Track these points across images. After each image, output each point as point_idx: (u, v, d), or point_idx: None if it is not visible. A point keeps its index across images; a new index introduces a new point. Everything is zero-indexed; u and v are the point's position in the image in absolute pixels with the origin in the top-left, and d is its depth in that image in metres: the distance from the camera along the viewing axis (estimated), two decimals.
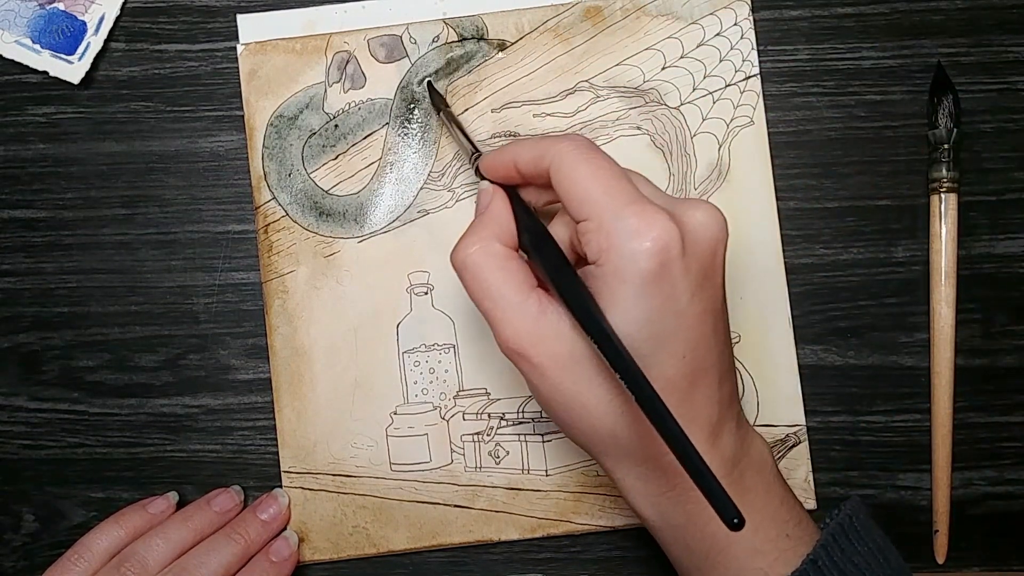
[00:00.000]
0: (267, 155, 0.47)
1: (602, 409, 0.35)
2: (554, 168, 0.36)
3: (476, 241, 0.37)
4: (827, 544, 0.37)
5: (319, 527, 0.47)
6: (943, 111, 0.46)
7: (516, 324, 0.36)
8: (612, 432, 0.36)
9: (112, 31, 0.48)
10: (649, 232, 0.34)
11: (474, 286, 0.37)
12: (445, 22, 0.48)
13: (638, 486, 0.37)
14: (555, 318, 0.35)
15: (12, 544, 0.47)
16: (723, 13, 0.47)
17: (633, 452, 0.36)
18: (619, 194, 0.35)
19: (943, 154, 0.46)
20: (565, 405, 0.36)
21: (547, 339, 0.35)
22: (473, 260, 0.37)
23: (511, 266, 0.37)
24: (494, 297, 0.36)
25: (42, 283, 0.48)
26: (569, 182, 0.36)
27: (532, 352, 0.35)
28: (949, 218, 0.46)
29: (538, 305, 0.36)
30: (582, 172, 0.35)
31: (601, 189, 0.35)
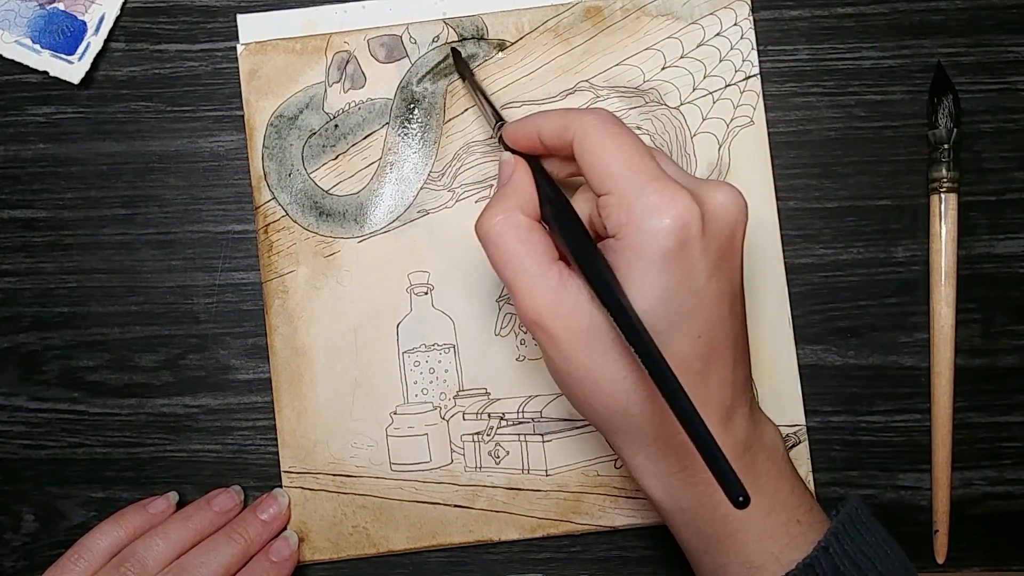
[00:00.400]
0: (267, 155, 0.47)
1: (616, 386, 0.35)
2: (578, 140, 0.36)
3: (500, 212, 0.37)
4: (837, 532, 0.37)
5: (319, 527, 0.47)
6: (943, 111, 0.46)
7: (536, 295, 0.36)
8: (624, 409, 0.36)
9: (112, 31, 0.48)
10: (670, 209, 0.34)
11: (497, 256, 0.37)
12: (445, 22, 0.48)
13: (648, 466, 0.37)
14: (574, 291, 0.35)
15: (12, 544, 0.47)
16: (723, 13, 0.47)
17: (645, 431, 0.36)
18: (642, 170, 0.35)
19: (943, 154, 0.46)
20: (579, 379, 0.36)
21: (565, 311, 0.35)
22: (496, 231, 0.37)
23: (534, 237, 0.37)
24: (515, 268, 0.36)
25: (42, 283, 0.48)
26: (592, 156, 0.36)
27: (550, 323, 0.35)
28: (949, 218, 0.46)
29: (558, 277, 0.36)
30: (606, 146, 0.35)
31: (624, 164, 0.35)
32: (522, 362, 0.47)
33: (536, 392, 0.47)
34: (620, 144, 0.36)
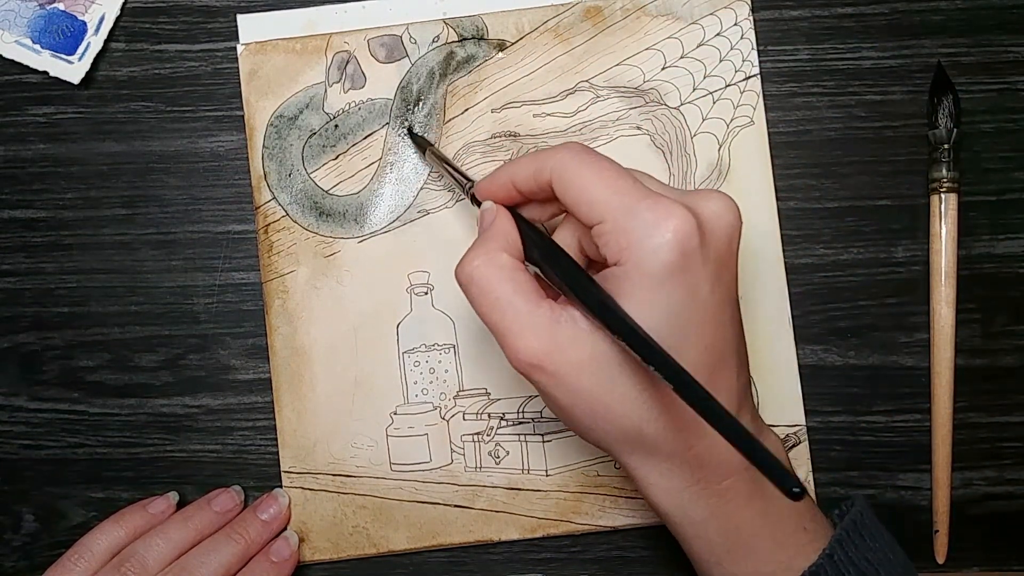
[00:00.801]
0: (267, 155, 0.47)
1: (627, 407, 0.35)
2: (556, 178, 0.36)
3: (482, 254, 0.37)
4: (841, 539, 0.37)
5: (319, 527, 0.47)
6: (943, 111, 0.46)
7: (529, 335, 0.35)
8: (638, 430, 0.36)
9: (112, 31, 0.48)
10: (668, 223, 0.33)
11: (481, 300, 0.36)
12: (445, 22, 0.48)
13: (661, 482, 0.37)
14: (570, 324, 0.35)
15: (12, 544, 0.47)
16: (723, 13, 0.47)
17: (659, 448, 0.36)
18: (629, 191, 0.34)
19: (943, 154, 0.46)
20: (588, 409, 0.36)
21: (564, 346, 0.35)
22: (480, 273, 0.36)
23: (519, 277, 0.36)
24: (503, 308, 0.36)
25: (42, 283, 0.48)
26: (576, 189, 0.35)
27: (548, 362, 0.35)
28: (949, 218, 0.46)
29: (550, 313, 0.35)
30: (586, 176, 0.35)
31: (610, 189, 0.35)
32: None
33: (536, 392, 0.47)
34: (600, 171, 0.35)
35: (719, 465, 0.36)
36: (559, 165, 0.36)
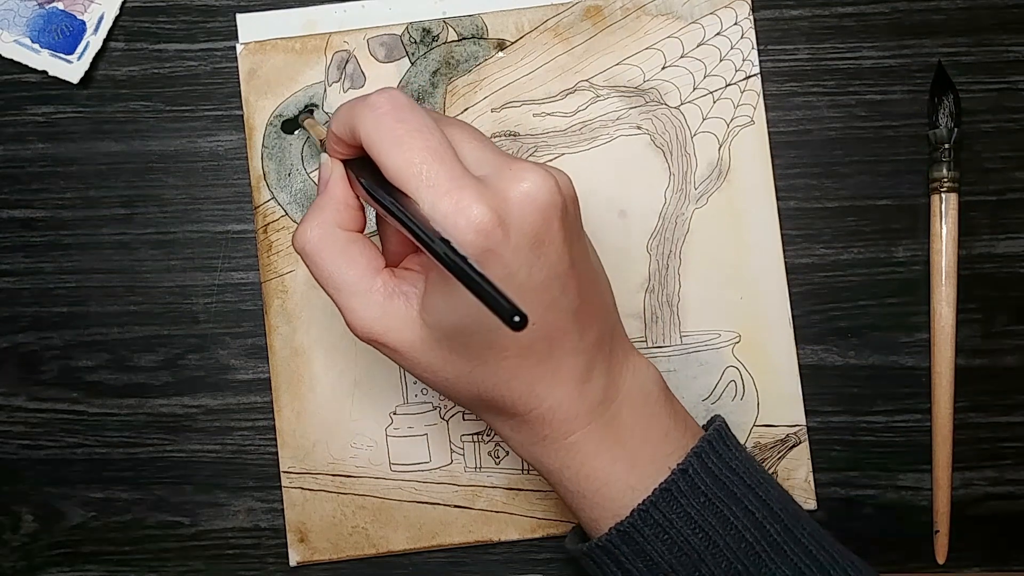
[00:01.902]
0: (266, 155, 0.47)
1: (464, 380, 0.36)
2: (364, 141, 0.34)
3: (315, 225, 0.36)
4: (699, 452, 0.37)
5: (319, 527, 0.47)
6: (943, 111, 0.46)
7: (362, 312, 0.35)
8: (478, 396, 0.36)
9: (111, 30, 0.48)
10: (465, 220, 0.32)
11: (316, 272, 0.36)
12: (445, 21, 0.48)
13: (514, 436, 0.38)
14: (402, 304, 0.35)
15: (11, 544, 0.47)
16: (723, 12, 0.47)
17: (504, 410, 0.36)
18: (433, 179, 0.32)
19: (943, 154, 0.46)
20: (430, 380, 0.36)
21: (397, 326, 0.35)
22: (313, 246, 0.36)
23: (352, 250, 0.36)
24: (337, 284, 0.36)
25: (41, 283, 0.48)
26: (379, 163, 0.33)
27: (384, 338, 0.35)
28: (950, 218, 0.46)
29: (383, 291, 0.35)
30: (389, 151, 0.33)
31: (412, 175, 0.33)
32: None
33: None
34: (406, 149, 0.33)
35: (561, 423, 0.36)
36: (365, 130, 0.34)
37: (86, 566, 0.47)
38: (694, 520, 0.36)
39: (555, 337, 0.35)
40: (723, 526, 0.36)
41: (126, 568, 0.47)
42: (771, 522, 0.37)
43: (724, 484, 0.37)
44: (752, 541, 0.36)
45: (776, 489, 0.38)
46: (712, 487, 0.37)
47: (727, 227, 0.47)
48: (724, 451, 0.38)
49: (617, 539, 0.37)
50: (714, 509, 0.36)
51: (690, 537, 0.36)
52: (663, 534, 0.36)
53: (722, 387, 0.47)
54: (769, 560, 0.36)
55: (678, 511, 0.36)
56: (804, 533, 0.37)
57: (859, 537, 0.46)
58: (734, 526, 0.36)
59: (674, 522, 0.36)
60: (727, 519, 0.36)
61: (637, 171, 0.47)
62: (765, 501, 0.37)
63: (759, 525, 0.37)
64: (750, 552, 0.36)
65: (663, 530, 0.36)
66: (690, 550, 0.36)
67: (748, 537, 0.36)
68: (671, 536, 0.36)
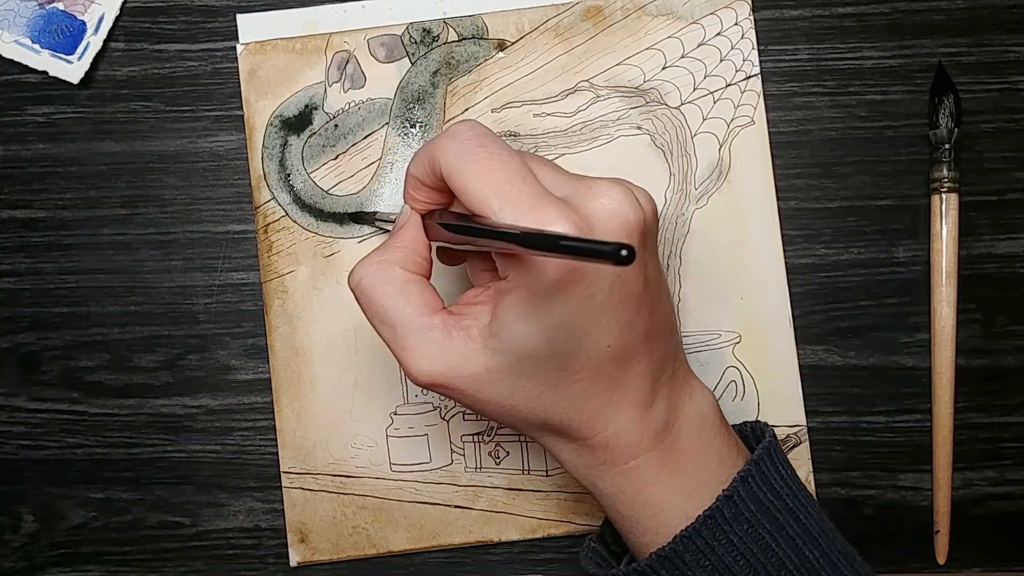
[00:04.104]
0: (267, 155, 0.47)
1: (531, 406, 0.35)
2: (446, 175, 0.34)
3: (375, 262, 0.36)
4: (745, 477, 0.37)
5: (319, 527, 0.47)
6: (944, 111, 0.46)
7: (421, 355, 0.35)
8: (544, 421, 0.36)
9: (112, 31, 0.48)
10: None
11: (371, 309, 0.36)
12: (445, 22, 0.48)
13: (572, 459, 0.37)
14: (463, 338, 0.35)
15: (12, 544, 0.47)
16: (723, 13, 0.47)
17: (566, 434, 0.36)
18: (516, 198, 0.32)
19: (944, 154, 0.46)
20: (493, 410, 0.36)
21: (459, 363, 0.35)
22: (368, 283, 0.35)
23: (411, 289, 0.35)
24: (393, 320, 0.35)
25: (41, 283, 0.48)
26: (463, 190, 0.33)
27: (446, 380, 0.35)
28: (950, 218, 0.46)
29: (442, 327, 0.35)
30: (473, 177, 0.33)
31: (495, 195, 0.33)
32: None
33: None
34: (485, 171, 0.33)
35: (624, 448, 0.36)
36: (446, 159, 0.34)
37: (86, 566, 0.47)
38: (736, 547, 0.36)
39: (626, 359, 0.35)
40: (764, 553, 0.36)
41: (126, 568, 0.47)
42: (810, 548, 0.36)
43: (767, 509, 0.36)
44: (792, 568, 0.36)
45: (814, 509, 0.38)
46: (756, 513, 0.36)
47: (727, 227, 0.47)
48: (770, 473, 0.37)
49: (657, 564, 0.36)
50: (756, 536, 0.36)
51: (731, 564, 0.36)
52: (704, 560, 0.36)
53: (722, 387, 0.47)
54: None
55: (721, 538, 0.36)
56: (839, 557, 0.37)
57: (859, 537, 0.46)
58: (775, 553, 0.36)
59: (716, 549, 0.36)
60: (769, 546, 0.36)
61: (637, 171, 0.47)
62: (805, 525, 0.37)
63: (799, 551, 0.36)
64: None
65: (704, 556, 0.36)
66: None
67: (788, 564, 0.36)
68: (712, 563, 0.36)
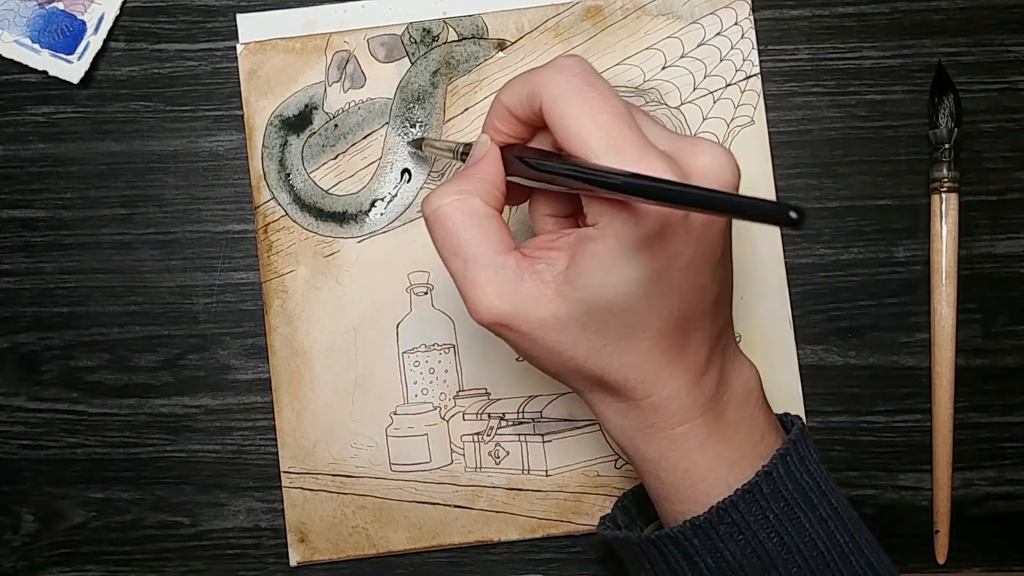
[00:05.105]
0: (267, 155, 0.47)
1: (590, 360, 0.34)
2: (546, 108, 0.33)
3: (454, 191, 0.34)
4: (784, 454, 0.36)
5: (319, 527, 0.47)
6: (944, 111, 0.46)
7: (491, 292, 0.34)
8: (599, 377, 0.35)
9: (111, 31, 0.48)
10: None
11: (445, 240, 0.34)
12: (445, 21, 0.48)
13: (617, 419, 0.36)
14: (534, 282, 0.34)
15: (11, 544, 0.47)
16: (723, 12, 0.47)
17: (619, 393, 0.35)
18: (623, 144, 0.31)
19: (944, 154, 0.46)
20: (551, 361, 0.35)
21: (528, 306, 0.33)
22: (447, 211, 0.34)
23: (489, 224, 0.34)
24: (466, 255, 0.34)
25: (41, 283, 0.48)
26: (564, 128, 0.32)
27: (511, 321, 0.34)
28: (950, 218, 0.46)
29: (515, 267, 0.34)
30: (578, 115, 0.32)
31: (601, 137, 0.32)
32: (522, 362, 0.47)
33: (536, 392, 0.47)
34: (593, 111, 0.32)
35: (675, 413, 0.35)
36: (550, 92, 0.33)
37: (86, 566, 0.47)
38: (771, 524, 0.35)
39: (691, 325, 0.34)
40: (798, 532, 0.36)
41: (126, 568, 0.47)
42: (840, 532, 0.36)
43: (803, 490, 0.36)
44: (823, 550, 0.36)
45: (842, 497, 0.38)
46: (793, 492, 0.36)
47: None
48: (806, 455, 0.37)
49: (690, 532, 0.35)
50: (791, 515, 0.35)
51: (765, 541, 0.35)
52: (738, 534, 0.35)
53: None
54: (837, 570, 0.36)
55: (757, 513, 0.35)
56: (866, 544, 0.37)
57: None
58: (808, 533, 0.36)
59: (751, 524, 0.35)
60: (803, 526, 0.36)
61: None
62: (836, 509, 0.36)
63: (830, 534, 0.36)
64: (820, 561, 0.36)
65: (739, 530, 0.35)
66: (763, 553, 0.35)
67: (820, 546, 0.36)
68: (746, 537, 0.35)
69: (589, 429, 0.47)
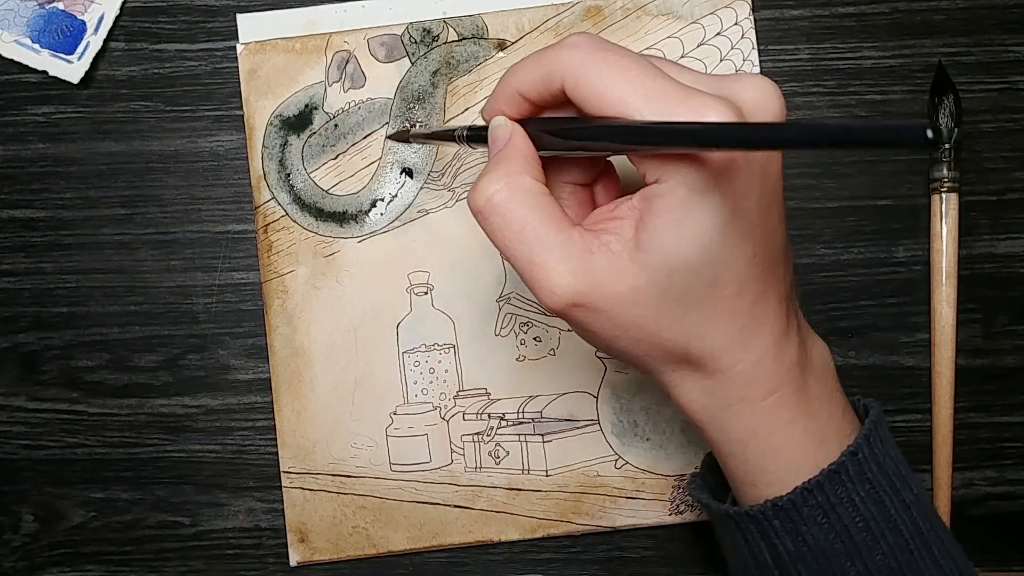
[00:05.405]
0: (267, 155, 0.47)
1: (675, 331, 0.32)
2: (571, 85, 0.31)
3: (501, 177, 0.32)
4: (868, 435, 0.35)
5: (319, 527, 0.47)
6: (944, 111, 0.46)
7: (563, 270, 0.31)
8: (684, 350, 0.33)
9: (112, 31, 0.48)
10: None
11: (505, 231, 0.32)
12: (445, 21, 0.48)
13: (702, 399, 0.34)
14: (605, 253, 0.31)
15: (11, 544, 0.47)
16: (723, 12, 0.47)
17: (704, 365, 0.33)
18: (662, 94, 0.30)
19: (944, 154, 0.46)
20: (633, 339, 0.33)
21: (603, 280, 0.31)
22: (500, 199, 0.32)
23: (545, 203, 0.32)
24: (530, 239, 0.31)
25: (41, 283, 0.48)
26: (596, 95, 0.30)
27: (589, 298, 0.31)
28: (950, 218, 0.46)
29: (582, 242, 0.31)
30: (608, 78, 0.30)
31: (640, 93, 0.30)
32: (522, 362, 0.47)
33: (536, 392, 0.47)
34: (622, 70, 0.30)
35: (765, 380, 0.33)
36: (571, 68, 0.31)
37: (86, 566, 0.47)
38: (857, 507, 0.34)
39: (768, 278, 0.33)
40: (884, 518, 0.34)
41: (126, 568, 0.47)
42: (923, 519, 0.35)
43: (887, 473, 0.34)
44: (908, 537, 0.34)
45: (920, 484, 0.36)
46: (877, 475, 0.34)
47: None
48: (886, 438, 0.35)
49: (771, 512, 0.34)
50: (876, 498, 0.34)
51: (850, 525, 0.34)
52: (822, 517, 0.33)
53: None
54: (920, 559, 0.34)
55: (842, 495, 0.33)
56: (946, 535, 0.35)
57: None
58: (893, 520, 0.34)
59: (836, 507, 0.33)
60: (888, 511, 0.34)
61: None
62: (917, 496, 0.35)
63: (915, 522, 0.34)
64: (904, 548, 0.34)
65: (823, 512, 0.33)
66: (848, 538, 0.34)
67: (905, 533, 0.34)
68: (830, 520, 0.33)
69: (589, 429, 0.47)
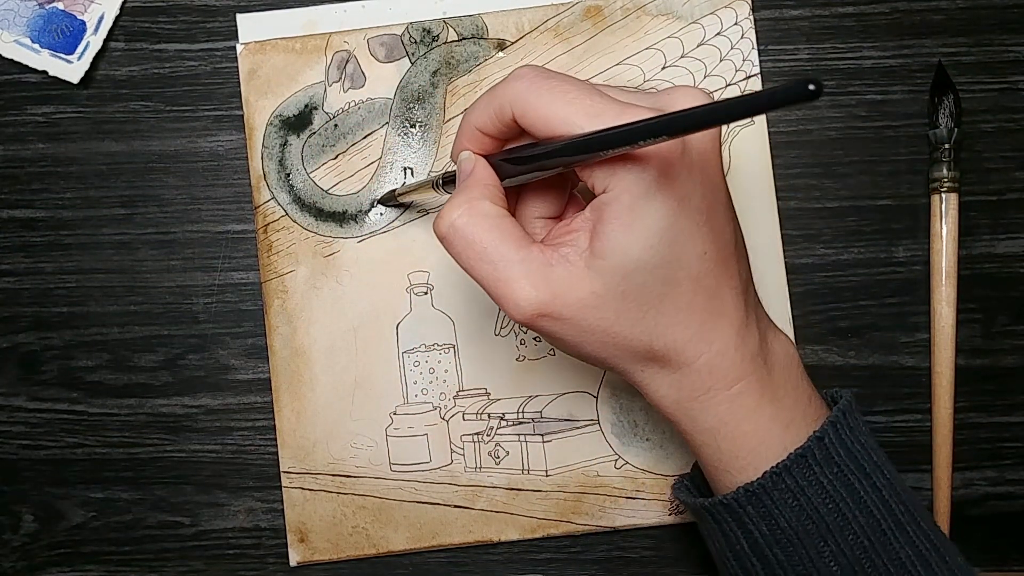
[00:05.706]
0: (267, 155, 0.47)
1: (636, 330, 0.35)
2: (519, 113, 0.34)
3: (462, 203, 0.35)
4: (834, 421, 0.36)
5: (319, 527, 0.47)
6: (944, 111, 0.46)
7: (525, 283, 0.34)
8: (648, 348, 0.35)
9: (111, 30, 0.48)
10: None
11: (468, 252, 0.35)
12: (445, 21, 0.48)
13: (672, 392, 0.36)
14: (563, 265, 0.34)
15: (11, 544, 0.47)
16: (723, 12, 0.47)
17: (669, 360, 0.35)
18: (601, 109, 0.33)
19: (944, 154, 0.46)
20: (598, 342, 0.35)
21: (563, 289, 0.34)
22: (462, 222, 0.35)
23: (504, 224, 0.35)
24: (494, 259, 0.34)
25: (41, 283, 0.48)
26: (543, 120, 0.34)
27: (551, 308, 0.34)
28: (950, 218, 0.46)
29: (542, 256, 0.34)
30: (552, 103, 0.33)
31: (581, 111, 0.33)
32: (522, 362, 0.47)
33: (536, 392, 0.47)
34: (564, 94, 0.33)
35: (729, 369, 0.35)
36: (519, 98, 0.34)
37: (86, 566, 0.47)
38: (826, 490, 0.35)
39: (721, 270, 0.35)
40: (854, 499, 0.36)
41: (126, 568, 0.47)
42: (896, 501, 0.36)
43: (856, 457, 0.36)
44: (879, 518, 0.36)
45: (895, 470, 0.37)
46: (845, 459, 0.36)
47: None
48: (856, 425, 0.37)
49: (744, 499, 0.36)
50: (845, 481, 0.35)
51: (820, 507, 0.35)
52: (792, 500, 0.35)
53: None
54: (894, 539, 0.36)
55: (810, 478, 0.35)
56: (923, 516, 0.37)
57: None
58: (863, 501, 0.36)
59: (805, 489, 0.35)
60: (858, 493, 0.36)
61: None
62: (890, 480, 0.36)
63: (886, 503, 0.36)
64: (877, 529, 0.36)
65: (793, 496, 0.35)
66: (819, 519, 0.35)
67: (876, 514, 0.36)
68: (801, 503, 0.35)
69: (589, 429, 0.47)
